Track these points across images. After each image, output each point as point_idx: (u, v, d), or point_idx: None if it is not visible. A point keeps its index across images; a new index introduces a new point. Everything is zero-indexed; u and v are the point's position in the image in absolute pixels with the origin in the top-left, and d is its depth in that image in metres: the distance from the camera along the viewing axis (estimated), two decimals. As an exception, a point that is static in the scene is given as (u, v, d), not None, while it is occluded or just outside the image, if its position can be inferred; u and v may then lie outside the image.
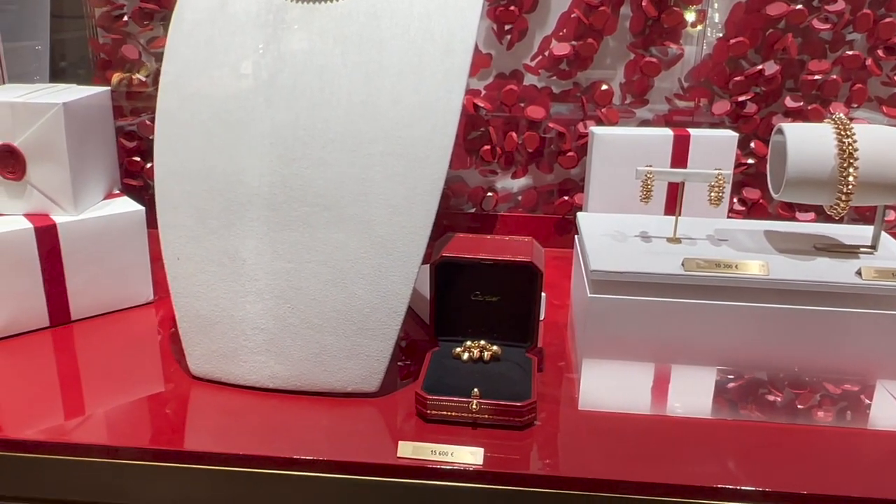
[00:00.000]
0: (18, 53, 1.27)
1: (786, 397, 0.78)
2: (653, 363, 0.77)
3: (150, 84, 1.21)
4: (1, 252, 0.87)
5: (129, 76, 1.22)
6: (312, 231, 0.78)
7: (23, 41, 1.29)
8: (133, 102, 1.23)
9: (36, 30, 1.30)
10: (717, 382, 0.77)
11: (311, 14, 0.81)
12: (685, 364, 0.78)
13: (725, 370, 0.78)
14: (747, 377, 0.76)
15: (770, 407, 0.76)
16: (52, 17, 1.28)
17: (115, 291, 0.97)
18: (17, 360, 0.87)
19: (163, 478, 0.73)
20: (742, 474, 0.68)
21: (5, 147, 0.89)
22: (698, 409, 0.76)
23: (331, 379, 0.80)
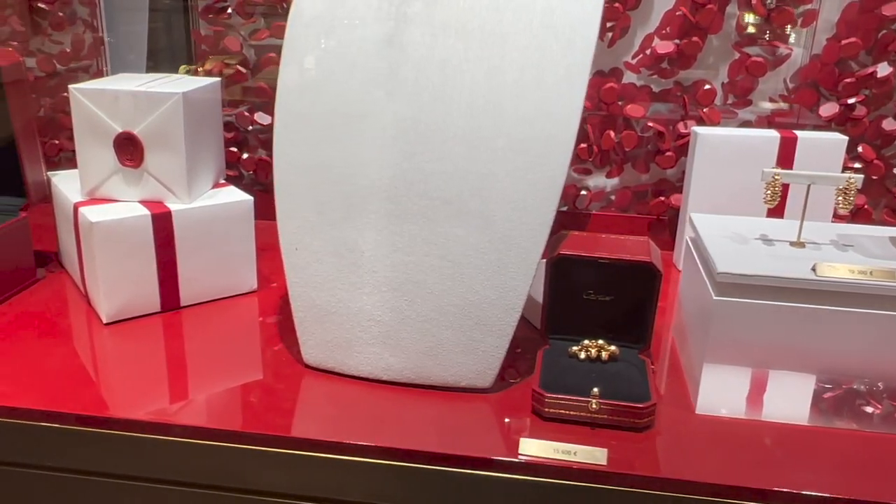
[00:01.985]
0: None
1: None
2: (775, 369, 0.76)
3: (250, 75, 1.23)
4: (120, 237, 0.89)
5: (195, 67, 1.24)
6: (432, 225, 0.78)
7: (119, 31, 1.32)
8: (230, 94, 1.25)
9: (133, 22, 1.33)
10: (844, 391, 0.75)
11: (432, 8, 0.81)
12: (808, 371, 0.76)
13: (851, 378, 0.76)
14: (882, 386, 0.74)
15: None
16: (125, 10, 1.30)
17: (222, 279, 0.99)
18: (133, 344, 0.89)
19: (273, 464, 0.73)
20: (877, 487, 0.66)
21: (125, 135, 0.91)
22: (822, 417, 0.75)
23: (445, 373, 0.80)
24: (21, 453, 0.77)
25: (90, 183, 0.94)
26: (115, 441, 0.75)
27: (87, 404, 0.76)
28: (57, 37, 1.27)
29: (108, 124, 0.91)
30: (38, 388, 0.79)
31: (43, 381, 0.80)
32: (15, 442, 0.77)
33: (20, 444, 0.77)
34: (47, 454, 0.77)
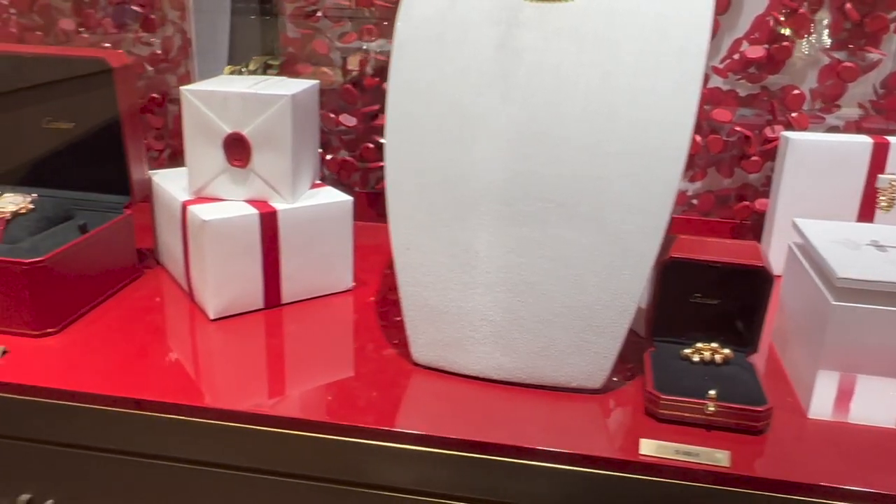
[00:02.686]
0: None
1: None
2: (890, 374, 0.76)
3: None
4: (230, 236, 0.91)
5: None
6: (545, 227, 0.79)
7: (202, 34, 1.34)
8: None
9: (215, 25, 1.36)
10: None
11: (546, 13, 0.82)
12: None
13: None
14: None
15: None
16: (207, 12, 1.33)
17: (321, 277, 1.01)
18: (240, 339, 0.92)
19: (375, 457, 0.75)
20: None
21: (235, 136, 0.93)
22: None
23: (556, 373, 0.81)
24: (136, 442, 0.80)
25: (198, 182, 0.96)
26: (234, 433, 0.77)
27: (200, 396, 0.78)
28: (147, 38, 1.29)
29: (218, 125, 0.94)
30: (153, 380, 0.81)
31: (157, 374, 0.83)
32: (133, 431, 0.79)
33: (138, 434, 0.79)
34: (158, 443, 0.79)
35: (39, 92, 1.03)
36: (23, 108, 1.04)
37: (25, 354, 0.85)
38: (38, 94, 1.03)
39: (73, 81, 1.00)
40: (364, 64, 1.24)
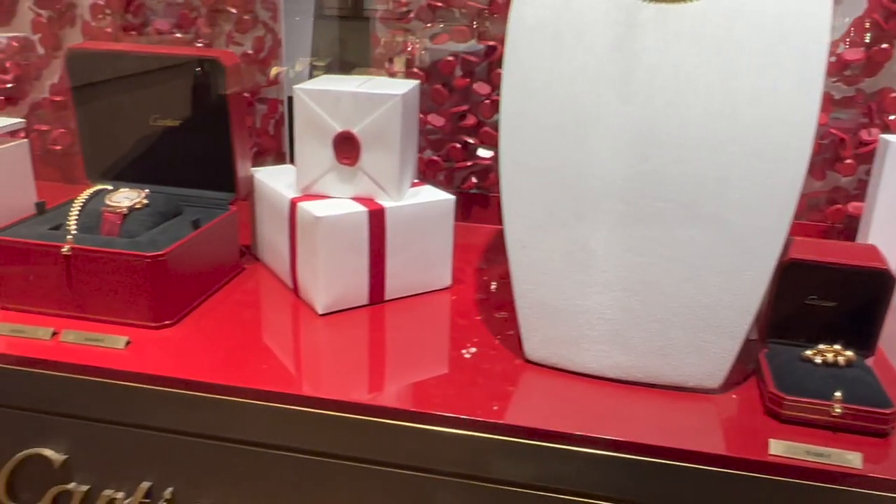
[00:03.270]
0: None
1: None
2: None
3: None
4: (339, 233, 0.93)
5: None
6: (666, 227, 0.79)
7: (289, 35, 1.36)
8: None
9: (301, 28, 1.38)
10: None
11: (665, 14, 0.82)
12: None
13: None
14: None
15: None
16: (293, 14, 1.35)
17: (422, 275, 1.02)
18: (346, 333, 0.93)
19: (480, 449, 0.76)
20: None
21: (345, 134, 0.95)
22: None
23: (673, 373, 0.81)
24: (253, 432, 0.82)
25: (306, 179, 0.98)
26: (349, 424, 0.78)
27: (316, 388, 0.80)
28: (239, 38, 1.32)
29: (329, 123, 0.95)
30: (268, 371, 0.83)
31: (271, 366, 0.85)
32: (250, 421, 0.81)
33: (255, 423, 0.81)
34: (275, 433, 0.81)
35: (149, 89, 1.06)
36: (131, 106, 1.07)
37: (146, 345, 0.87)
38: (147, 91, 1.06)
39: (184, 80, 1.03)
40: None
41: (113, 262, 0.88)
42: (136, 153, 1.09)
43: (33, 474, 0.88)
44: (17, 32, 1.41)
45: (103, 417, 0.85)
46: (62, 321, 0.90)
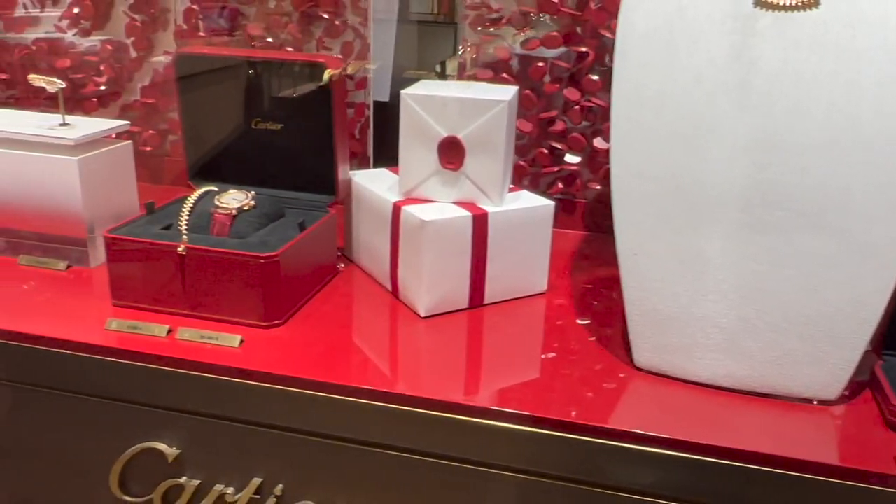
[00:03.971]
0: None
1: None
2: None
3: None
4: (444, 237, 0.94)
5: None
6: (786, 236, 0.79)
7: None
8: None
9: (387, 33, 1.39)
10: None
11: (783, 23, 0.82)
12: None
13: None
14: None
15: None
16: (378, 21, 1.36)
17: (518, 280, 1.02)
18: (448, 336, 0.94)
19: (611, 456, 0.76)
20: None
21: (451, 139, 0.96)
22: None
23: (790, 383, 0.81)
24: (364, 431, 0.83)
25: (409, 183, 0.99)
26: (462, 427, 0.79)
27: (425, 388, 0.81)
28: (329, 43, 1.34)
29: (434, 129, 0.96)
30: (378, 372, 0.85)
31: (381, 367, 0.86)
32: (361, 421, 0.82)
33: (365, 423, 0.82)
34: (384, 433, 0.82)
35: (252, 93, 1.08)
36: (234, 110, 1.10)
37: (258, 344, 0.89)
38: (250, 95, 1.08)
39: (287, 83, 1.05)
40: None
41: (227, 263, 0.90)
42: (238, 156, 1.11)
43: (146, 468, 0.91)
44: (110, 36, 1.45)
45: (217, 413, 0.87)
46: (175, 319, 0.92)
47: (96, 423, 0.91)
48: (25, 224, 1.08)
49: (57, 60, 1.47)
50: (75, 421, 0.92)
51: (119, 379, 0.89)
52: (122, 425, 0.90)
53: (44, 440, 0.94)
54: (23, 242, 1.10)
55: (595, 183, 1.28)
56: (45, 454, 0.95)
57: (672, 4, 0.86)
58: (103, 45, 1.45)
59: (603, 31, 1.20)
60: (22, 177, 1.06)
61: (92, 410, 0.91)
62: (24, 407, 0.94)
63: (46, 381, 0.91)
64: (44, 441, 0.95)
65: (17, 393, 0.93)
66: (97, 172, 1.06)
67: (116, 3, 1.43)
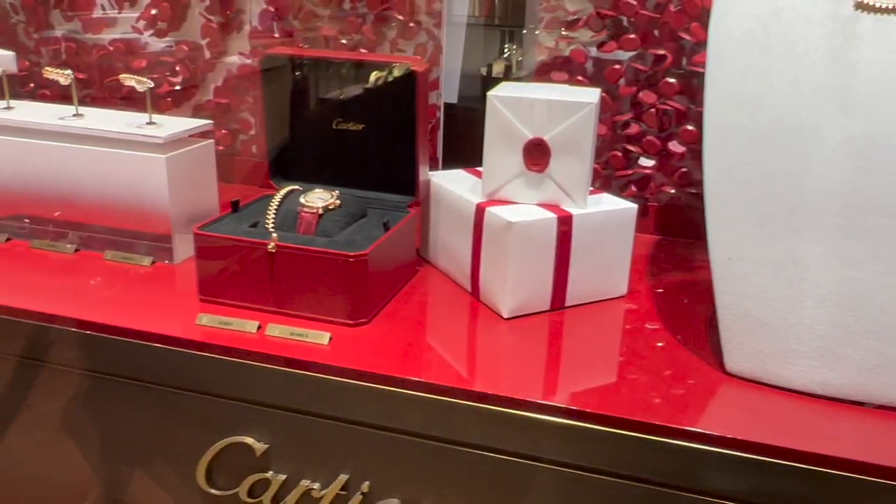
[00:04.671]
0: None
1: None
2: None
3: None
4: (529, 238, 0.94)
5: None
6: (887, 242, 0.78)
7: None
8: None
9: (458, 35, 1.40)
10: None
11: (884, 25, 0.81)
12: None
13: None
14: None
15: None
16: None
17: (599, 283, 1.02)
18: (532, 337, 0.94)
19: (661, 455, 0.76)
20: None
21: (536, 141, 0.96)
22: None
23: (890, 392, 0.79)
24: (451, 430, 0.83)
25: (493, 184, 1.00)
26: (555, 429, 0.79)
27: (514, 389, 0.81)
28: (403, 45, 1.35)
29: (521, 130, 0.97)
30: (460, 372, 0.85)
31: (469, 367, 0.86)
32: (449, 419, 0.83)
33: (452, 422, 0.83)
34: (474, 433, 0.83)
35: (335, 94, 1.09)
36: (316, 110, 1.11)
37: (346, 342, 0.90)
38: (333, 96, 1.10)
39: (373, 85, 1.06)
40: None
41: (316, 261, 0.91)
42: (318, 155, 1.12)
43: (233, 461, 0.92)
44: (185, 37, 1.48)
45: (305, 409, 0.88)
46: (262, 315, 0.94)
47: (186, 417, 0.93)
48: (111, 221, 1.11)
49: (133, 61, 1.50)
50: (165, 414, 0.94)
51: (209, 373, 0.90)
52: (211, 419, 0.92)
53: (134, 432, 0.96)
54: (109, 238, 1.12)
55: (668, 186, 1.27)
56: (136, 445, 0.97)
57: (767, 7, 0.86)
58: (178, 46, 1.47)
59: (682, 34, 1.19)
60: (111, 174, 1.08)
61: (182, 404, 0.93)
62: (116, 399, 0.96)
63: (137, 373, 0.93)
64: (134, 433, 0.97)
65: (108, 385, 0.95)
66: (182, 170, 1.09)
67: (192, 5, 1.46)
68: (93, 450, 1.00)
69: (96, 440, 0.99)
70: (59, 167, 1.11)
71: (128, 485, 1.00)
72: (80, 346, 0.95)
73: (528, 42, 1.38)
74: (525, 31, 1.38)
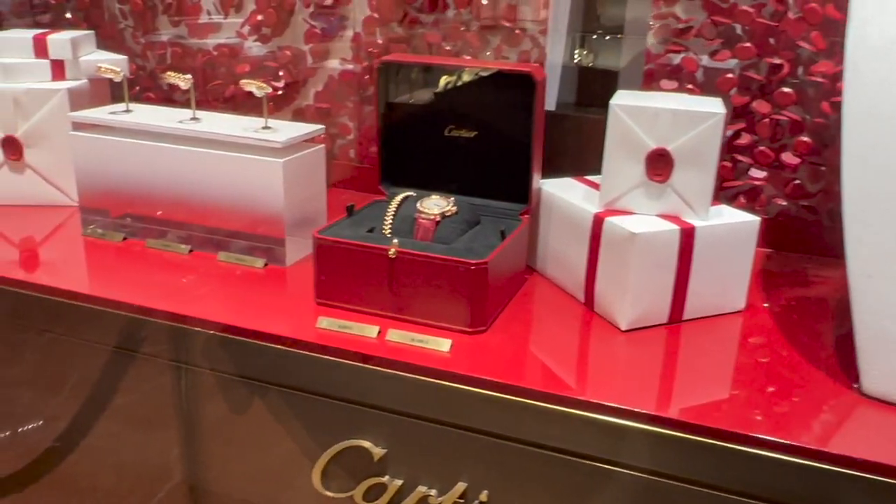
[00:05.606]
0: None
1: None
2: None
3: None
4: (652, 250, 0.93)
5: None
6: None
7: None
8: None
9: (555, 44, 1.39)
10: None
11: None
12: None
13: None
14: None
15: None
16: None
17: (719, 296, 1.00)
18: (651, 350, 0.93)
19: (827, 483, 0.74)
20: None
21: (659, 151, 0.95)
22: None
23: None
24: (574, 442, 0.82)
25: (612, 194, 0.99)
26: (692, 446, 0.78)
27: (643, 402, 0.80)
28: (507, 52, 1.35)
29: (643, 140, 0.95)
30: (586, 384, 0.84)
31: (589, 378, 0.85)
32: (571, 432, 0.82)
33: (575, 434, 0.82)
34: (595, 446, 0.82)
35: (449, 101, 1.10)
36: (429, 117, 1.11)
37: (465, 349, 0.90)
38: (446, 102, 1.10)
39: (491, 92, 1.06)
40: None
41: (437, 267, 0.91)
42: (429, 162, 1.13)
43: (349, 465, 0.93)
44: (289, 43, 1.50)
45: (424, 415, 0.88)
46: (379, 320, 0.94)
47: (304, 418, 0.94)
48: (227, 222, 1.13)
49: (237, 65, 1.53)
50: (284, 415, 0.95)
51: (328, 376, 0.91)
52: (329, 421, 0.93)
53: (251, 431, 0.98)
54: (221, 240, 1.15)
55: (780, 199, 1.24)
56: (252, 444, 0.99)
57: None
58: (282, 51, 1.50)
59: (801, 42, 1.16)
60: (228, 177, 1.10)
61: (300, 405, 0.94)
62: (235, 399, 0.98)
63: (257, 374, 0.95)
64: (251, 432, 0.98)
65: (228, 385, 0.97)
66: (296, 174, 1.10)
67: (296, 11, 1.48)
68: (211, 447, 1.02)
69: (214, 437, 1.01)
70: (177, 169, 1.14)
71: (243, 483, 1.02)
72: (199, 344, 0.97)
73: (598, 47, 1.37)
74: (595, 37, 1.37)
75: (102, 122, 1.19)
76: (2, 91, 1.29)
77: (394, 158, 1.14)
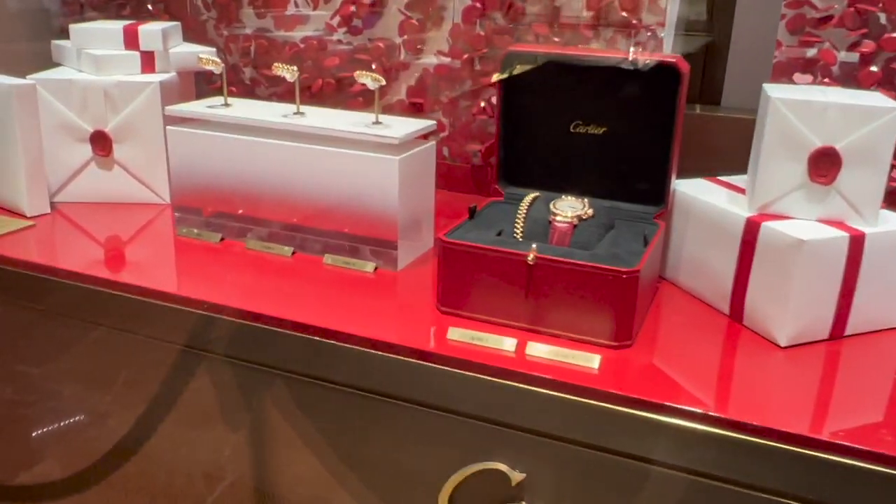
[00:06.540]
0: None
1: None
2: None
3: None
4: (819, 259, 0.84)
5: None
6: None
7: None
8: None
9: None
10: None
11: None
12: None
13: None
14: None
15: None
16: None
17: (885, 310, 0.91)
18: (815, 371, 0.84)
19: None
20: None
21: (826, 150, 0.86)
22: None
23: None
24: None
25: (767, 196, 0.90)
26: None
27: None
28: (620, 45, 1.26)
29: (808, 137, 0.86)
30: (745, 407, 0.75)
31: (750, 401, 0.77)
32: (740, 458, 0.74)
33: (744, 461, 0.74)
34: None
35: (576, 95, 1.02)
36: (553, 112, 1.04)
37: (613, 365, 0.82)
38: (573, 97, 1.02)
39: (618, 85, 0.98)
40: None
41: (582, 275, 0.83)
42: (551, 160, 1.05)
43: (480, 488, 0.86)
44: (380, 34, 1.43)
45: (569, 437, 0.80)
46: (513, 331, 0.87)
47: (431, 436, 0.87)
48: (334, 223, 1.06)
49: (325, 59, 1.46)
50: (408, 432, 0.88)
51: (459, 391, 0.84)
52: (459, 441, 0.86)
53: (374, 448, 0.91)
54: (327, 242, 1.08)
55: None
56: (375, 463, 0.92)
57: None
58: (374, 44, 1.43)
59: (959, 33, 1.06)
60: (336, 175, 1.04)
61: (425, 421, 0.87)
62: (354, 414, 0.91)
63: (376, 386, 0.88)
64: (375, 449, 0.91)
65: (344, 397, 0.90)
66: (410, 173, 1.03)
67: (390, 2, 1.41)
68: (329, 463, 0.95)
69: (331, 454, 0.94)
70: (280, 166, 1.07)
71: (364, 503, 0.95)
72: (311, 353, 0.90)
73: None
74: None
75: (202, 117, 1.13)
76: (92, 83, 1.24)
77: (513, 156, 1.06)
